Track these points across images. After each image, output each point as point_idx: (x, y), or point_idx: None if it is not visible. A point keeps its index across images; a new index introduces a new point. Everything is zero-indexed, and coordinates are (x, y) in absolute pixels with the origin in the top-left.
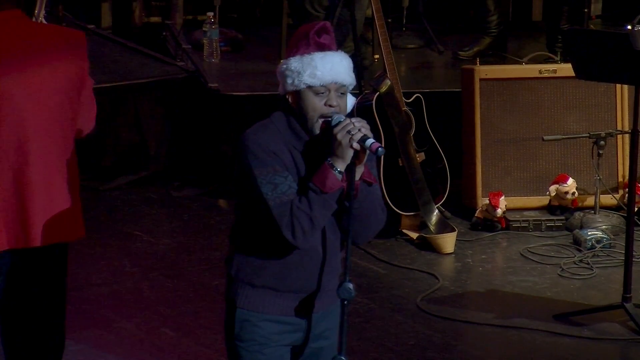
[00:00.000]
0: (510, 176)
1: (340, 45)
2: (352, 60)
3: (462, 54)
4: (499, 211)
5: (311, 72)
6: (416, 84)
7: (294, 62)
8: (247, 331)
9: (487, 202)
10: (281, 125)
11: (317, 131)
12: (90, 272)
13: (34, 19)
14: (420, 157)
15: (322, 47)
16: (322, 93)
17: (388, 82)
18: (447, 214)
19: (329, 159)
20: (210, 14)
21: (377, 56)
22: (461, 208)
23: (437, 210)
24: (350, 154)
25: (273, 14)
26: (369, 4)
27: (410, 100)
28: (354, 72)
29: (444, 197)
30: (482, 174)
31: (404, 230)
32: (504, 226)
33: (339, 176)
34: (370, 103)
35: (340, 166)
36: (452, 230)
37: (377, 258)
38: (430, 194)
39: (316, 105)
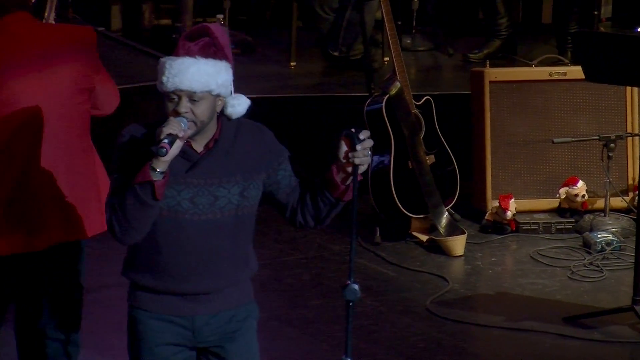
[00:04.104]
0: (520, 179)
1: (349, 48)
2: (362, 62)
3: (471, 57)
4: (509, 214)
5: (160, 78)
6: (426, 86)
7: (158, 66)
8: (135, 329)
9: (497, 204)
10: (157, 125)
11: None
12: (104, 275)
13: (44, 21)
14: (430, 159)
15: (185, 52)
16: (174, 99)
17: (398, 84)
18: (457, 216)
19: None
20: (220, 16)
21: (386, 59)
22: (471, 210)
23: (446, 213)
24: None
25: (283, 16)
26: (378, 7)
27: (420, 102)
28: (223, 76)
29: (453, 199)
30: (492, 176)
31: (414, 233)
32: (514, 229)
33: (154, 174)
34: (380, 105)
35: (159, 166)
36: (462, 232)
37: (386, 260)
38: (440, 196)
39: (168, 110)
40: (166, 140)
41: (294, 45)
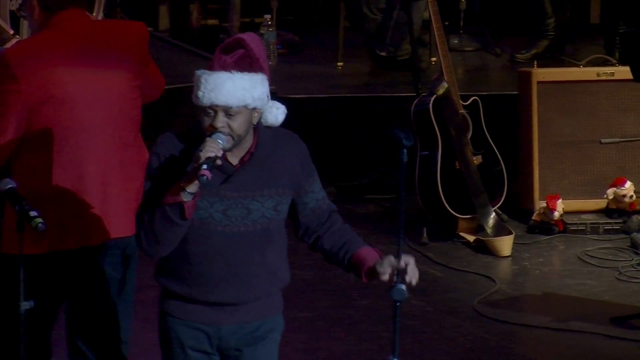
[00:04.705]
0: (567, 179)
1: (396, 48)
2: (409, 62)
3: (519, 57)
4: (556, 214)
5: (195, 92)
6: (473, 86)
7: (194, 78)
8: (165, 334)
9: (545, 205)
10: (193, 135)
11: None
12: (145, 274)
13: None
14: (477, 160)
15: (221, 66)
16: (210, 113)
17: (445, 84)
18: (504, 216)
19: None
20: (267, 16)
21: (434, 59)
22: (518, 211)
23: (494, 213)
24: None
25: (330, 16)
26: (426, 7)
27: (467, 103)
28: (261, 89)
29: (501, 199)
30: (540, 176)
31: (461, 233)
32: (561, 229)
33: (184, 195)
34: (427, 106)
35: (190, 187)
36: (509, 233)
37: (433, 261)
38: (487, 196)
39: (204, 124)
40: (205, 167)
41: (340, 46)
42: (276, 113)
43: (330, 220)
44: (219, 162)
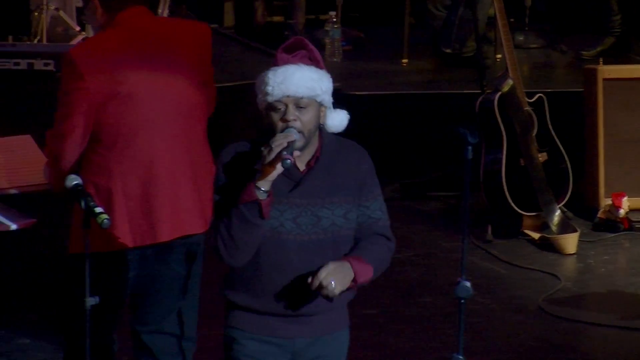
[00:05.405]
0: (632, 176)
1: (462, 45)
2: (474, 59)
3: (585, 54)
4: (622, 212)
5: (264, 89)
6: (538, 83)
7: (257, 82)
8: (233, 349)
9: (610, 202)
10: (259, 142)
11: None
12: (208, 272)
13: None
14: (542, 157)
15: (285, 62)
16: (280, 108)
17: (510, 81)
18: (569, 214)
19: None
20: (332, 13)
21: (499, 56)
22: (583, 208)
23: (559, 211)
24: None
25: (395, 13)
26: (491, 4)
27: (532, 100)
28: (326, 82)
29: (566, 197)
30: (605, 174)
31: (526, 231)
32: (627, 227)
33: (259, 194)
34: (492, 103)
35: (263, 185)
36: (574, 230)
37: (498, 258)
38: (552, 194)
39: (275, 122)
40: (285, 152)
41: (406, 42)
42: (341, 117)
43: (369, 239)
44: (298, 145)
